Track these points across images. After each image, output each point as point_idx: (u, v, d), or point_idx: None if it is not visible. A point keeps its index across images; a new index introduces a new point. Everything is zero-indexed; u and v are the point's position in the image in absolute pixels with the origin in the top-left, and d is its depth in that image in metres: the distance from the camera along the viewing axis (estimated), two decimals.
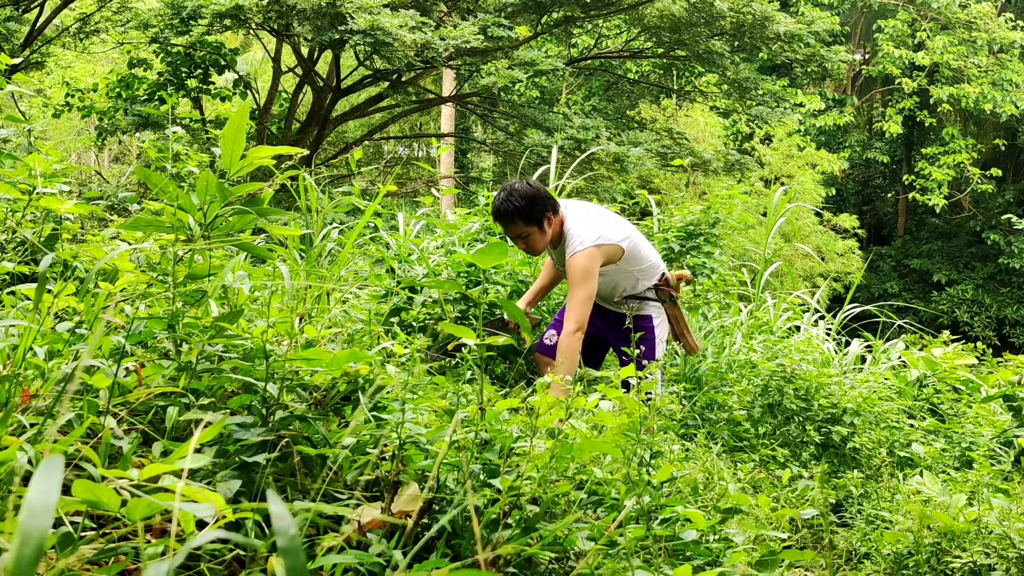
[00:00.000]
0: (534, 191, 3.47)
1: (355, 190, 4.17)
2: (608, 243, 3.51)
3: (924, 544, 2.48)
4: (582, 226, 3.49)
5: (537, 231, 3.49)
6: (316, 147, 13.05)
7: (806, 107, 20.31)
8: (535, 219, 3.46)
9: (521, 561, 1.63)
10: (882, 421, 4.07)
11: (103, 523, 1.42)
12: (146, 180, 1.88)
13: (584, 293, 3.41)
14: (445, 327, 1.73)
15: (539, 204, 3.45)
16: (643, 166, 12.53)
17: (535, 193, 3.46)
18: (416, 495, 1.64)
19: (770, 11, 12.05)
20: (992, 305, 21.52)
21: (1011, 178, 23.25)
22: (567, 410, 1.94)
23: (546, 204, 3.48)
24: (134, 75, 12.21)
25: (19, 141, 4.26)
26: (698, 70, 14.86)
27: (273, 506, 0.78)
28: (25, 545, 0.67)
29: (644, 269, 3.70)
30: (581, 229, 3.48)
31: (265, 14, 10.16)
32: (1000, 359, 5.02)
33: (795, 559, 1.95)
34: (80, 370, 1.25)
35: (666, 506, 1.91)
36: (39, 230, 2.45)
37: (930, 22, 19.75)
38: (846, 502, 3.35)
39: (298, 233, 2.36)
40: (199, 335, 1.77)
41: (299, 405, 1.80)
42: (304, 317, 2.44)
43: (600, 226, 3.52)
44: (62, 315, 2.01)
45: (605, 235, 3.50)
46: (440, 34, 10.32)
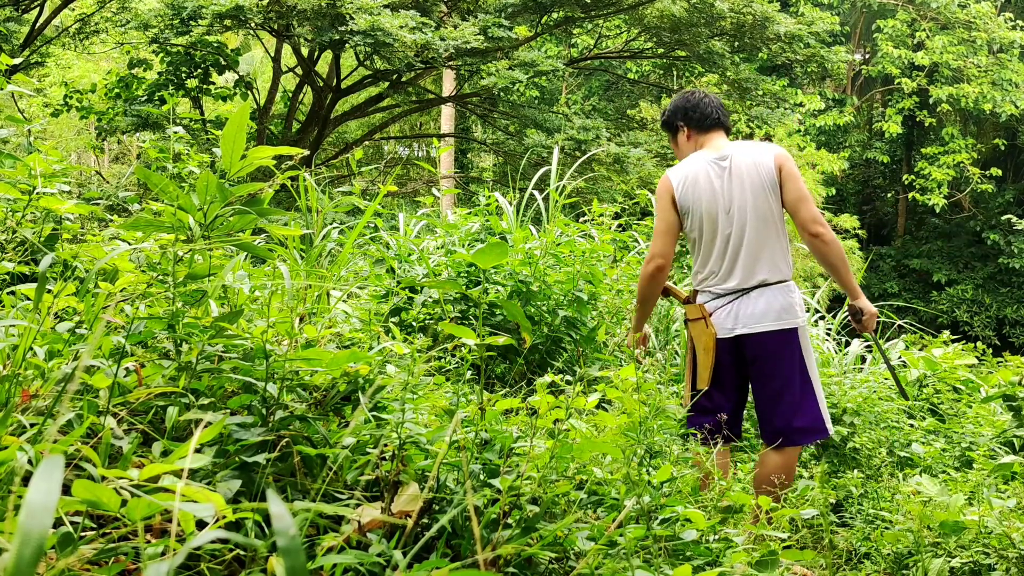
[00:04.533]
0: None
1: (355, 190, 4.17)
2: (674, 181, 3.21)
3: (924, 544, 2.48)
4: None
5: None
6: (316, 147, 13.05)
7: (806, 107, 20.31)
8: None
9: (521, 561, 1.63)
10: (882, 421, 4.07)
11: (103, 523, 1.42)
12: (146, 180, 1.88)
13: (654, 232, 3.24)
14: (445, 327, 1.73)
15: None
16: (643, 167, 12.53)
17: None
18: (416, 495, 1.64)
19: (770, 11, 12.05)
20: (992, 305, 21.51)
21: (1011, 178, 23.25)
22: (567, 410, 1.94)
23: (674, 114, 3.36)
24: (133, 75, 12.21)
25: (19, 141, 4.25)
26: (698, 70, 14.85)
27: (273, 506, 0.78)
28: (25, 545, 0.67)
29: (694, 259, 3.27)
30: None
31: (265, 14, 10.16)
32: (1000, 359, 5.02)
33: (795, 559, 1.95)
34: (80, 370, 1.25)
35: (666, 506, 1.91)
36: (39, 230, 2.45)
37: (930, 22, 19.74)
38: (846, 502, 3.35)
39: (298, 233, 2.36)
40: (199, 335, 1.77)
41: (299, 405, 1.80)
42: (304, 317, 2.44)
43: (689, 168, 3.22)
44: (62, 315, 2.01)
45: (678, 178, 3.20)
46: (440, 34, 10.32)
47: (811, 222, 3.11)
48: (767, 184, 3.12)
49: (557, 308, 4.41)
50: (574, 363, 4.29)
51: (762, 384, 3.17)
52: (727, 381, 3.18)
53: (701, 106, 3.28)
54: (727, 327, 3.12)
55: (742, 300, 3.11)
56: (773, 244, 3.13)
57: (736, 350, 3.14)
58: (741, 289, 3.11)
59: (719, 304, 3.13)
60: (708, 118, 3.26)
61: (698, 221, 3.15)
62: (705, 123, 3.27)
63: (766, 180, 3.12)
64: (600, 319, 4.72)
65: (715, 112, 3.28)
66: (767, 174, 3.13)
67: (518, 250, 4.51)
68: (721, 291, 3.14)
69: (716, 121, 3.27)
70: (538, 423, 1.95)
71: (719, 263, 3.14)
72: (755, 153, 3.17)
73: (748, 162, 3.14)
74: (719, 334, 3.12)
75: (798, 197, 3.13)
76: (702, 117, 3.27)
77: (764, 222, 3.11)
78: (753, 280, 3.11)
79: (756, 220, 3.10)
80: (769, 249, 3.12)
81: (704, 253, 3.17)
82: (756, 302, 3.10)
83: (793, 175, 3.14)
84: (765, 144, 3.24)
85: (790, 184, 3.13)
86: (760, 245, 3.11)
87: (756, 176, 3.13)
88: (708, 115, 3.26)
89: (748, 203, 3.10)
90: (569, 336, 4.43)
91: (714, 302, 3.15)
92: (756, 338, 3.10)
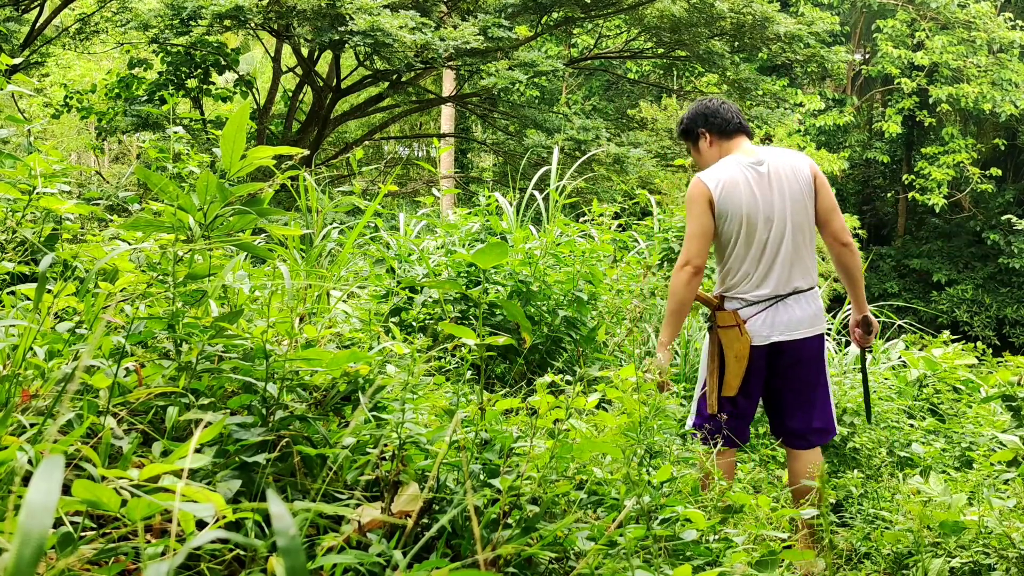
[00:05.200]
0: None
1: (356, 190, 4.18)
2: (709, 185, 3.12)
3: (924, 544, 2.48)
4: None
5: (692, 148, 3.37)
6: (316, 147, 13.06)
7: (806, 107, 20.31)
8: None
9: (521, 561, 1.63)
10: (882, 421, 4.07)
11: (103, 523, 1.42)
12: (146, 180, 1.88)
13: (686, 237, 3.14)
14: (445, 327, 1.73)
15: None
16: (643, 167, 12.53)
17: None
18: (416, 495, 1.64)
19: (770, 12, 12.06)
20: (992, 305, 21.51)
21: (1011, 178, 23.25)
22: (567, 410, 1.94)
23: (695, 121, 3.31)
24: (133, 75, 12.21)
25: (19, 141, 4.25)
26: (698, 70, 14.86)
27: (273, 506, 0.78)
28: (25, 545, 0.67)
29: (718, 262, 3.20)
30: None
31: (265, 14, 10.17)
32: (1000, 359, 5.02)
33: (795, 559, 1.95)
34: (80, 370, 1.25)
35: (666, 506, 1.91)
36: (39, 230, 2.45)
37: (929, 22, 19.74)
38: (846, 502, 3.35)
39: (298, 233, 2.36)
40: (199, 335, 1.77)
41: (299, 405, 1.80)
42: (304, 317, 2.44)
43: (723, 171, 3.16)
44: (62, 315, 2.01)
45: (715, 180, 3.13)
46: (440, 35, 10.32)
47: (842, 231, 3.17)
48: (804, 192, 3.12)
49: (557, 308, 4.41)
50: (574, 363, 4.29)
51: (792, 388, 3.20)
52: (754, 388, 3.19)
53: (721, 112, 3.26)
54: (763, 335, 3.10)
55: (777, 307, 3.10)
56: (807, 251, 3.15)
57: (768, 357, 3.14)
58: (776, 296, 3.10)
59: (753, 311, 3.10)
60: (730, 123, 3.24)
61: (736, 226, 3.10)
62: (727, 128, 3.25)
63: (804, 188, 3.13)
64: (600, 319, 4.72)
65: (736, 117, 3.26)
66: (805, 182, 3.13)
67: (518, 250, 4.51)
68: (754, 298, 3.11)
69: (738, 126, 3.25)
70: (538, 423, 1.95)
71: (753, 268, 3.10)
72: (791, 160, 3.17)
73: (786, 169, 3.14)
74: (754, 341, 3.09)
75: (831, 207, 3.17)
76: (724, 123, 3.25)
77: (801, 230, 3.12)
78: (789, 287, 3.11)
79: (794, 227, 3.11)
80: (803, 256, 3.13)
81: (737, 258, 3.12)
82: (792, 309, 3.11)
83: (826, 185, 3.18)
84: (796, 152, 3.24)
85: (824, 193, 3.16)
86: (796, 252, 3.12)
87: (795, 183, 3.12)
88: (730, 120, 3.25)
89: (787, 210, 3.10)
90: (569, 336, 4.43)
91: (747, 309, 3.11)
92: (792, 344, 3.12)
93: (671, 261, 5.63)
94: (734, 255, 3.12)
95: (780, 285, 3.11)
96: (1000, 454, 3.08)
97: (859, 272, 3.23)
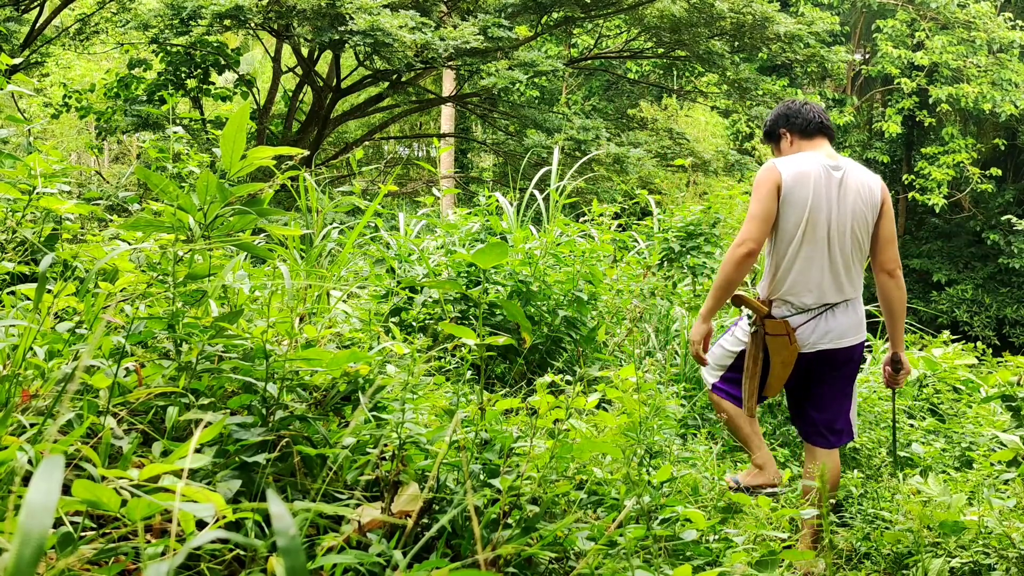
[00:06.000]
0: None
1: (356, 190, 4.18)
2: (784, 172, 3.03)
3: (924, 544, 2.48)
4: None
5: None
6: (316, 147, 13.06)
7: None
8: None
9: (521, 561, 1.63)
10: (882, 421, 4.07)
11: (103, 523, 1.42)
12: (146, 180, 1.88)
13: (747, 217, 3.05)
14: (445, 327, 1.73)
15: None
16: (643, 167, 12.54)
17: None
18: (416, 495, 1.64)
19: (770, 12, 12.06)
20: (992, 305, 21.51)
21: (1011, 178, 23.25)
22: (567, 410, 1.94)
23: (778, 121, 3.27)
24: (133, 75, 12.22)
25: (19, 141, 4.26)
26: (698, 70, 14.86)
27: (273, 506, 0.78)
28: (25, 545, 0.67)
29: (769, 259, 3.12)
30: None
31: (265, 14, 10.17)
32: (1000, 359, 5.02)
33: (795, 559, 1.95)
34: (80, 370, 1.25)
35: (666, 506, 1.91)
36: (39, 230, 2.45)
37: (929, 22, 19.75)
38: (846, 502, 3.35)
39: (298, 233, 2.36)
40: (199, 335, 1.77)
41: (299, 405, 1.80)
42: (304, 317, 2.44)
43: (801, 162, 3.09)
44: (62, 315, 2.01)
45: (790, 170, 3.05)
46: (440, 34, 10.32)
47: (893, 262, 3.16)
48: (870, 211, 3.09)
49: (557, 308, 4.41)
50: (574, 363, 4.29)
51: (826, 387, 3.19)
52: (797, 392, 3.21)
53: (803, 111, 3.21)
54: (811, 342, 3.07)
55: (826, 315, 3.07)
56: (857, 267, 3.13)
57: (811, 362, 3.13)
58: (827, 304, 3.08)
59: (802, 320, 3.06)
60: (811, 123, 3.19)
61: (797, 220, 3.02)
62: (809, 128, 3.19)
63: (871, 206, 3.10)
64: (600, 319, 4.72)
65: (818, 117, 3.20)
66: (873, 202, 3.11)
67: (518, 250, 4.51)
68: (803, 305, 3.06)
69: (820, 126, 3.20)
70: (538, 423, 1.95)
71: (807, 270, 3.04)
72: (866, 176, 3.15)
73: (860, 182, 3.10)
74: (803, 349, 3.07)
75: (891, 236, 3.15)
76: (805, 122, 3.20)
77: (859, 245, 3.10)
78: (840, 296, 3.08)
79: (853, 240, 3.07)
80: (854, 270, 3.12)
81: (792, 255, 3.05)
82: (840, 318, 3.08)
83: (891, 212, 3.17)
84: (872, 172, 3.21)
85: (887, 220, 3.15)
86: (850, 264, 3.09)
87: (865, 198, 3.09)
88: (811, 120, 3.20)
89: (849, 221, 3.06)
90: (569, 336, 4.43)
91: (797, 317, 3.06)
92: (839, 352, 3.10)
93: (671, 261, 5.63)
94: (789, 251, 3.04)
95: (832, 293, 3.06)
96: (1000, 454, 3.08)
97: (902, 307, 3.20)
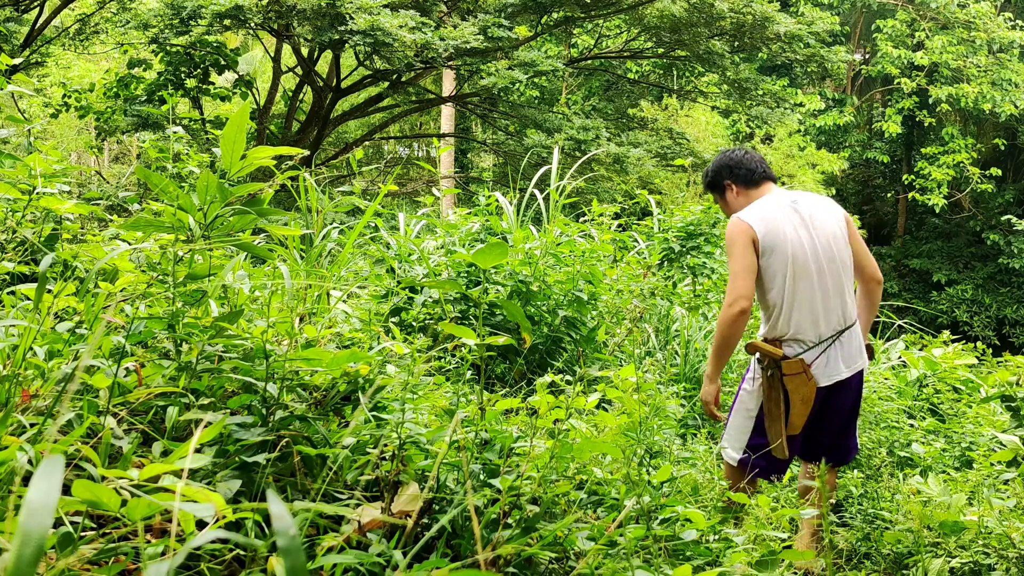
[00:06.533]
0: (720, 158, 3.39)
1: (356, 190, 4.18)
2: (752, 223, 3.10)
3: (924, 544, 2.48)
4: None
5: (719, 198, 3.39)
6: (316, 147, 13.06)
7: (806, 107, 20.32)
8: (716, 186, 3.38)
9: (521, 561, 1.63)
10: (882, 421, 4.07)
11: (103, 523, 1.42)
12: (146, 180, 1.88)
13: (731, 276, 3.11)
14: (445, 327, 1.73)
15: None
16: (643, 167, 12.54)
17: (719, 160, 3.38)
18: (416, 495, 1.64)
19: (770, 11, 12.06)
20: (992, 305, 21.51)
21: (1011, 178, 23.25)
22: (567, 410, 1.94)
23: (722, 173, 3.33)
24: (132, 75, 12.22)
25: (19, 141, 4.26)
26: (698, 70, 14.86)
27: (273, 506, 0.78)
28: (25, 545, 0.67)
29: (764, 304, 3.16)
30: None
31: (265, 14, 10.17)
32: (1000, 359, 5.02)
33: (795, 559, 1.95)
34: (80, 370, 1.25)
35: (666, 506, 1.91)
36: (39, 230, 2.45)
37: (929, 22, 19.75)
38: (846, 502, 3.35)
39: (298, 233, 2.36)
40: (199, 335, 1.77)
41: (299, 405, 1.80)
42: (304, 317, 2.44)
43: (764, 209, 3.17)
44: (62, 315, 2.01)
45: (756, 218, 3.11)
46: (440, 34, 10.32)
47: (877, 270, 3.30)
48: (840, 230, 3.19)
49: (557, 308, 4.41)
50: (574, 363, 4.29)
51: (841, 415, 3.24)
52: (812, 422, 3.21)
53: (746, 162, 3.29)
54: (828, 375, 3.11)
55: (834, 346, 3.12)
56: (849, 287, 3.19)
57: (832, 392, 3.17)
58: (832, 335, 3.11)
59: (815, 354, 3.10)
60: (755, 172, 3.27)
61: (782, 266, 3.08)
62: (753, 177, 3.27)
63: (840, 226, 3.19)
64: (600, 319, 4.72)
65: (760, 166, 3.29)
66: (839, 220, 3.21)
67: (518, 250, 4.51)
68: (812, 340, 3.10)
69: (764, 174, 3.29)
70: (538, 423, 1.95)
71: (806, 309, 3.09)
72: (822, 201, 3.25)
73: (821, 206, 3.20)
74: (820, 383, 3.10)
75: (864, 250, 3.28)
76: (749, 172, 3.27)
77: (845, 269, 3.16)
78: (842, 324, 3.13)
79: (840, 264, 3.14)
80: (847, 291, 3.17)
81: (788, 300, 3.09)
82: (847, 347, 3.14)
83: (854, 224, 3.30)
84: (825, 197, 3.32)
85: (856, 235, 3.27)
86: (842, 288, 3.15)
87: (834, 220, 3.18)
88: (754, 170, 3.27)
89: (832, 247, 3.13)
90: (569, 336, 4.43)
91: (809, 353, 3.09)
92: (853, 378, 3.17)
93: (671, 261, 5.63)
94: (785, 295, 3.09)
95: (836, 323, 3.12)
96: (1000, 454, 3.08)
97: (878, 305, 3.38)
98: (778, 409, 3.10)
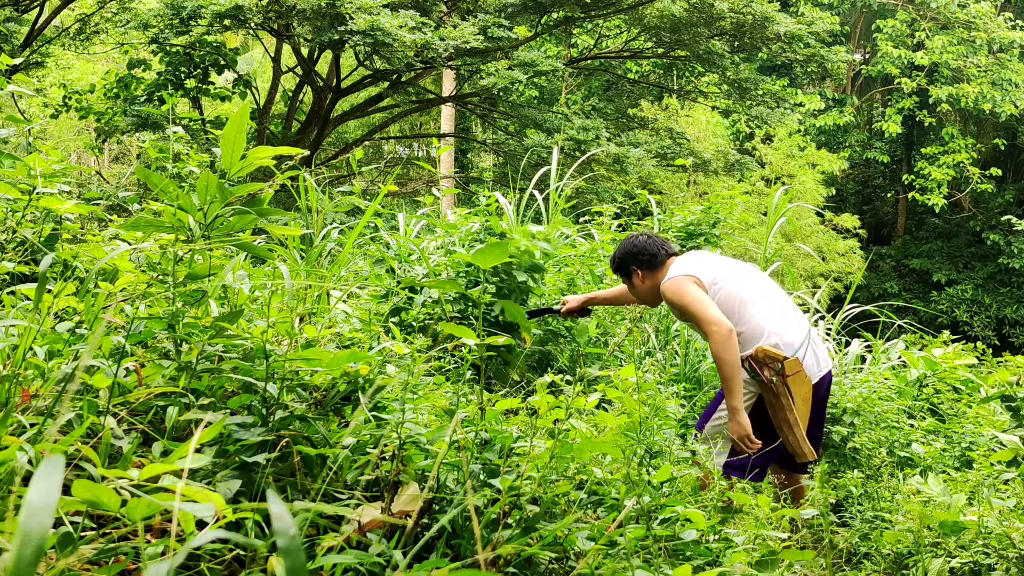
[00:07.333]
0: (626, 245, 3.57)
1: (356, 190, 4.18)
2: (686, 274, 3.32)
3: (924, 544, 2.48)
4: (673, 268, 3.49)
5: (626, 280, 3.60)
6: (316, 147, 13.05)
7: (806, 107, 20.32)
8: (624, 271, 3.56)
9: (521, 561, 1.63)
10: (882, 421, 4.07)
11: (103, 523, 1.42)
12: (146, 180, 1.88)
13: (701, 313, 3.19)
14: (445, 327, 1.73)
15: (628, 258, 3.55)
16: (643, 167, 12.53)
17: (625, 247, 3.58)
18: (416, 495, 1.64)
19: (770, 11, 12.06)
20: (992, 305, 21.51)
21: (1011, 178, 23.24)
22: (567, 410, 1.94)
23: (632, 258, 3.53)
24: (132, 75, 12.21)
25: (19, 141, 4.26)
26: (698, 70, 14.86)
27: (273, 506, 0.78)
28: (25, 545, 0.67)
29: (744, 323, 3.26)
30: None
31: (265, 14, 10.17)
32: (1000, 359, 5.02)
33: (795, 559, 1.95)
34: (80, 370, 1.25)
35: (666, 506, 1.91)
36: (39, 230, 2.45)
37: (929, 22, 19.75)
38: (846, 502, 3.35)
39: (298, 233, 2.36)
40: (199, 335, 1.77)
41: (299, 405, 1.80)
42: (304, 317, 2.44)
43: (686, 263, 3.41)
44: (62, 315, 2.01)
45: (687, 269, 3.35)
46: (440, 34, 10.32)
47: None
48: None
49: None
50: (574, 363, 4.29)
51: (825, 407, 3.47)
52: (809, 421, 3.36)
53: (648, 247, 3.49)
54: (815, 370, 3.28)
55: (813, 341, 3.31)
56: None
57: (823, 386, 3.36)
58: (807, 332, 3.31)
59: (802, 353, 3.24)
60: (657, 257, 3.48)
61: (736, 286, 3.29)
62: (655, 262, 3.48)
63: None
64: (599, 319, 4.72)
65: (661, 249, 3.49)
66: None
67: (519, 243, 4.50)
68: (798, 338, 3.25)
69: (666, 254, 3.49)
70: (538, 423, 1.95)
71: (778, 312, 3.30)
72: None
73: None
74: (813, 379, 3.26)
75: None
76: (651, 257, 3.48)
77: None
78: (807, 322, 3.38)
79: (772, 280, 3.50)
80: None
81: (761, 310, 3.27)
82: (817, 343, 3.35)
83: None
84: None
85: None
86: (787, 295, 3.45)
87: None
88: (656, 254, 3.48)
89: (758, 270, 3.48)
90: (569, 336, 4.42)
91: (799, 352, 3.23)
92: (829, 372, 3.37)
93: None
94: (758, 307, 3.28)
95: (803, 319, 3.36)
96: (1000, 454, 3.08)
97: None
98: (793, 413, 3.21)
